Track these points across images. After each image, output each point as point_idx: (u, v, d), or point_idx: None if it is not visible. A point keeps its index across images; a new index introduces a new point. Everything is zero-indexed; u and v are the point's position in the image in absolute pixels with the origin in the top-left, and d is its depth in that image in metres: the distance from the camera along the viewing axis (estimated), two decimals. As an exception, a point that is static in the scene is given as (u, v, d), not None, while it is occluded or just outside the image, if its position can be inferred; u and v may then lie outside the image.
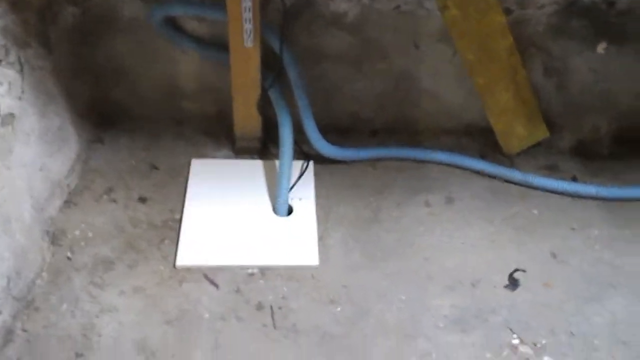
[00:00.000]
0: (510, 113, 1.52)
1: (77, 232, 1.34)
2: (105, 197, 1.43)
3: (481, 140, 1.63)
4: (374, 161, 1.56)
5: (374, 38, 1.49)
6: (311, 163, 1.53)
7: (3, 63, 1.15)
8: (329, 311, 1.23)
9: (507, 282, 1.30)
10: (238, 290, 1.26)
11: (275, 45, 1.38)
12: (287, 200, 1.41)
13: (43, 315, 1.19)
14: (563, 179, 1.52)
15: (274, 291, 1.26)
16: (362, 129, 1.64)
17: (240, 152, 1.56)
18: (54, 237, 1.33)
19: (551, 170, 1.57)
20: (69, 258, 1.29)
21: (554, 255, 1.36)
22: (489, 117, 1.55)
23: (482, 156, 1.59)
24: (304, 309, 1.23)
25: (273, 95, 1.45)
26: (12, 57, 1.18)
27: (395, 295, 1.26)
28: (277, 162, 1.48)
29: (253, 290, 1.26)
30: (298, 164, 1.51)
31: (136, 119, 1.61)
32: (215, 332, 1.18)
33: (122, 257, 1.31)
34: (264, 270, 1.30)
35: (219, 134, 1.60)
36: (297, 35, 1.46)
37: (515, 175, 1.52)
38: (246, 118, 1.51)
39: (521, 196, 1.50)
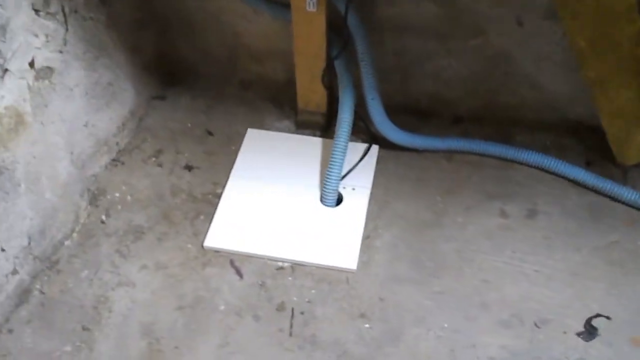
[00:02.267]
0: (629, 115, 1.21)
1: (117, 194, 1.29)
2: (153, 159, 1.36)
3: (589, 143, 1.33)
4: (450, 153, 1.33)
5: (467, 9, 1.24)
6: (376, 148, 1.34)
7: (41, 14, 1.08)
8: (356, 326, 1.08)
9: (582, 329, 1.05)
10: (262, 285, 1.14)
11: (343, 11, 1.19)
12: (336, 189, 1.24)
13: (63, 279, 1.15)
14: (689, 206, 1.21)
15: (301, 292, 1.12)
16: (444, 114, 1.41)
17: (302, 125, 1.41)
18: (93, 197, 1.29)
19: (676, 191, 1.25)
20: (102, 222, 1.25)
21: (652, 305, 1.08)
22: (601, 117, 1.24)
23: (588, 163, 1.30)
24: (329, 318, 1.09)
25: (338, 67, 1.28)
26: (54, 7, 1.11)
27: (437, 321, 1.07)
28: (335, 143, 1.32)
29: (278, 288, 1.13)
30: (362, 147, 1.34)
31: (201, 77, 1.51)
32: (227, 329, 1.08)
33: (154, 227, 1.24)
34: (295, 266, 1.16)
35: (284, 103, 1.46)
36: (374, 2, 1.26)
37: (625, 193, 1.22)
38: (310, 89, 1.35)
39: (628, 221, 1.21)
